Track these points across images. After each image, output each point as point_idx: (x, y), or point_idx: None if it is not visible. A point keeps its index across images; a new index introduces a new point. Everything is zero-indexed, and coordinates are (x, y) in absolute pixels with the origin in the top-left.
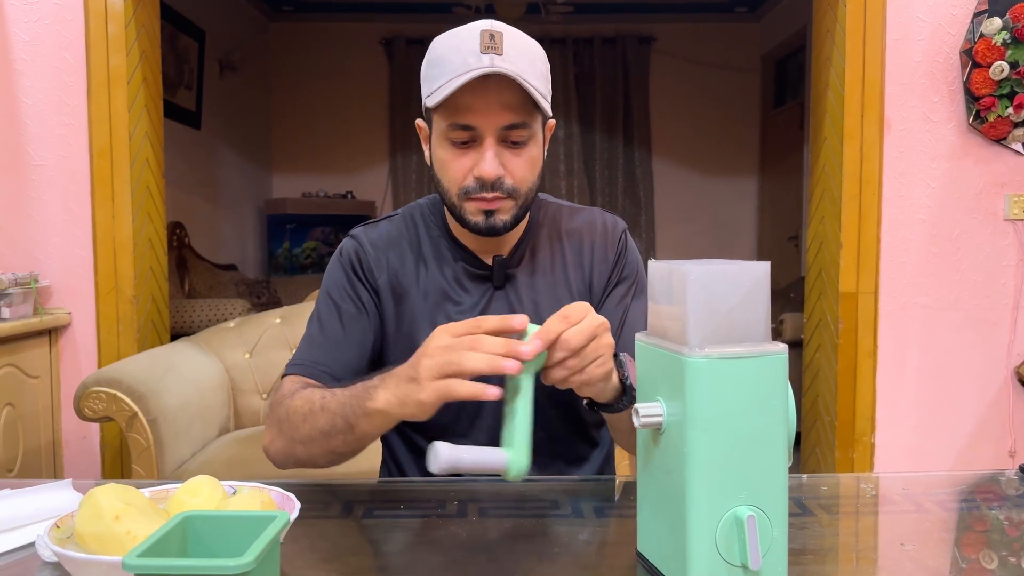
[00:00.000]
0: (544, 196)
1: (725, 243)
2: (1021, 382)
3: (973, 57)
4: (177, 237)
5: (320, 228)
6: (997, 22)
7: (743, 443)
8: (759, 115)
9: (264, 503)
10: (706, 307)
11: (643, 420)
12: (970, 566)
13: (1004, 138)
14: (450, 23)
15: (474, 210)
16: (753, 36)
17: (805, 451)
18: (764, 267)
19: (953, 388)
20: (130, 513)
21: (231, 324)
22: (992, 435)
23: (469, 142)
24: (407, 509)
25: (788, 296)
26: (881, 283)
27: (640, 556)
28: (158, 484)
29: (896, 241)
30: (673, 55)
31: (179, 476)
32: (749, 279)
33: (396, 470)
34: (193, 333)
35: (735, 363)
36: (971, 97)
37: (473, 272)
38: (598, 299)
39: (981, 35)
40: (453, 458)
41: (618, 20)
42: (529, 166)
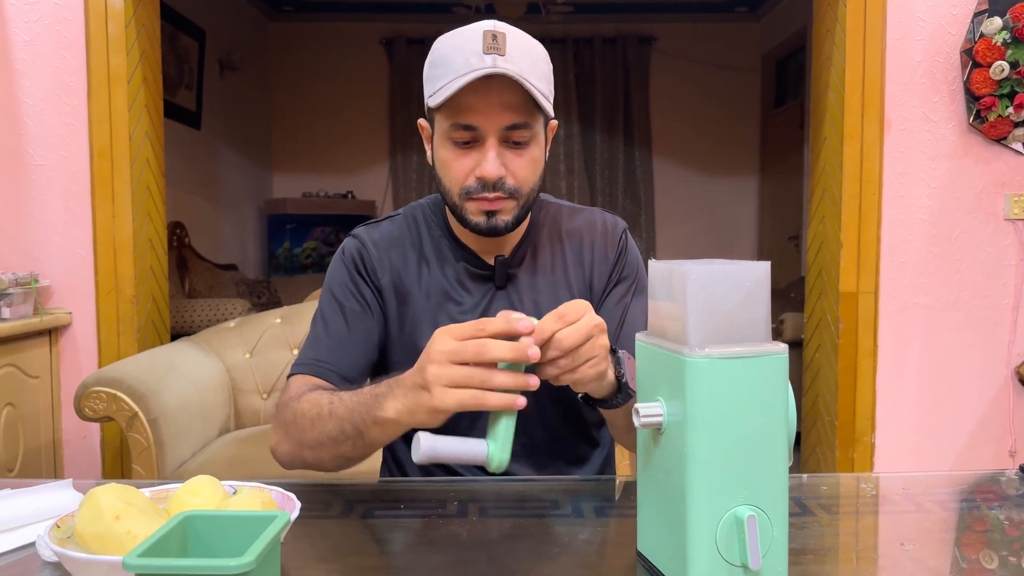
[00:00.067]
0: (545, 196)
1: (725, 243)
2: (1021, 382)
3: (973, 57)
4: (177, 237)
5: (320, 228)
6: (997, 22)
7: (743, 443)
8: (759, 115)
9: (264, 503)
10: (706, 307)
11: (643, 420)
12: (970, 566)
13: (1004, 138)
14: (450, 23)
15: (475, 210)
16: (753, 36)
17: (805, 451)
18: (764, 267)
19: (953, 388)
20: (130, 513)
21: (231, 324)
22: (992, 435)
23: (471, 142)
24: (407, 509)
25: (788, 296)
26: (881, 283)
27: (640, 556)
28: (158, 484)
29: (896, 241)
30: (673, 55)
31: (179, 476)
32: (749, 279)
33: (396, 470)
34: (193, 333)
35: (735, 363)
36: (971, 97)
37: (475, 272)
38: (598, 298)
39: (981, 35)
40: (434, 448)
41: (618, 20)
42: (531, 166)
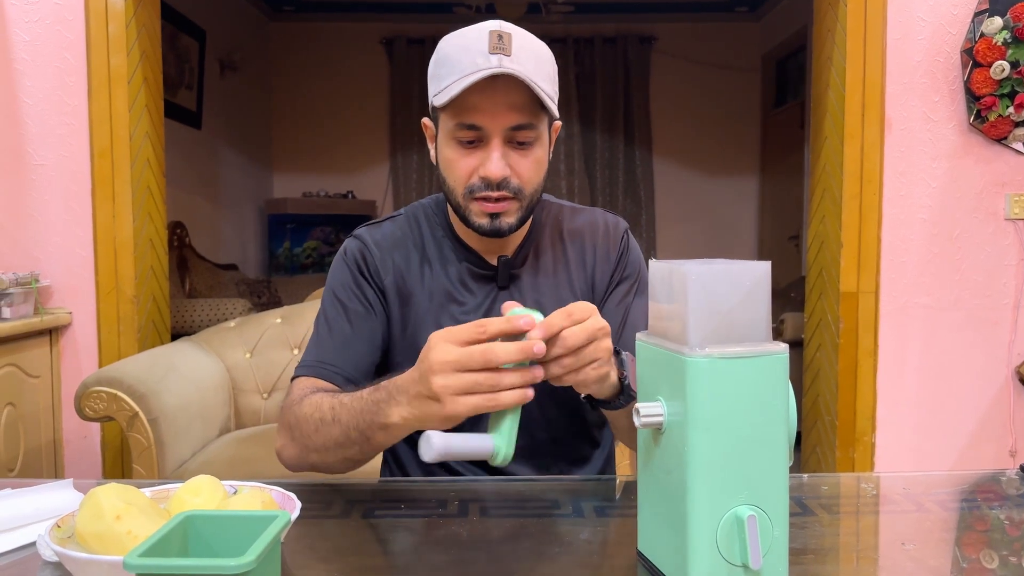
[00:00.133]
0: (546, 196)
1: (726, 243)
2: (1022, 381)
3: (974, 56)
4: (178, 237)
5: (321, 228)
6: (998, 21)
7: (744, 443)
8: (760, 115)
9: (265, 503)
10: (707, 307)
11: (644, 420)
12: (971, 566)
13: (1005, 137)
14: (451, 23)
15: (479, 211)
16: (754, 36)
17: (806, 451)
18: (765, 267)
19: (954, 388)
20: (131, 513)
21: (232, 324)
22: (993, 435)
23: (475, 142)
24: (408, 509)
25: (789, 296)
26: (882, 283)
27: (641, 556)
28: (159, 484)
29: (897, 241)
30: (674, 55)
31: (180, 476)
32: (750, 279)
33: (397, 469)
34: (194, 333)
35: (736, 363)
36: (972, 96)
37: (477, 272)
38: (600, 299)
39: (982, 34)
40: (445, 447)
41: (619, 20)
42: (535, 167)
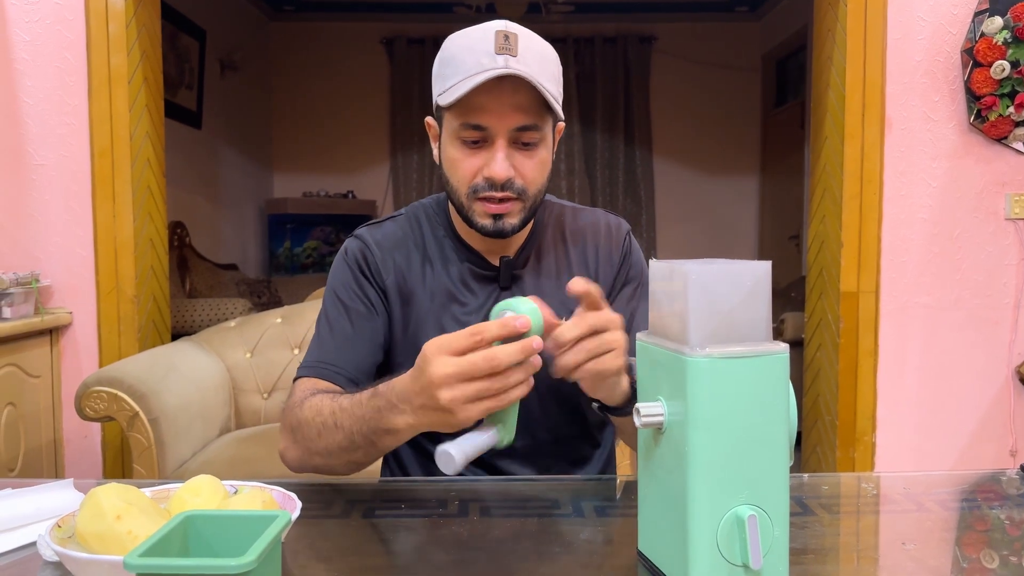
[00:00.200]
0: (548, 196)
1: (726, 242)
2: (1022, 381)
3: (974, 56)
4: (178, 237)
5: (321, 227)
6: (998, 21)
7: (744, 442)
8: (760, 114)
9: (265, 503)
10: (707, 306)
11: (644, 420)
12: (971, 565)
13: (1005, 137)
14: (451, 23)
15: (482, 212)
16: (754, 35)
17: (806, 450)
18: (765, 266)
19: (954, 387)
20: (131, 513)
21: (232, 324)
22: (993, 434)
23: (480, 142)
24: (408, 508)
25: (789, 295)
26: (882, 282)
27: (641, 555)
28: (159, 484)
29: (897, 240)
30: (674, 54)
31: (180, 476)
32: (750, 278)
33: (398, 469)
34: (194, 333)
35: (736, 363)
36: (972, 96)
37: (479, 273)
38: (605, 297)
39: (982, 34)
40: (465, 457)
41: (619, 19)
42: (539, 168)
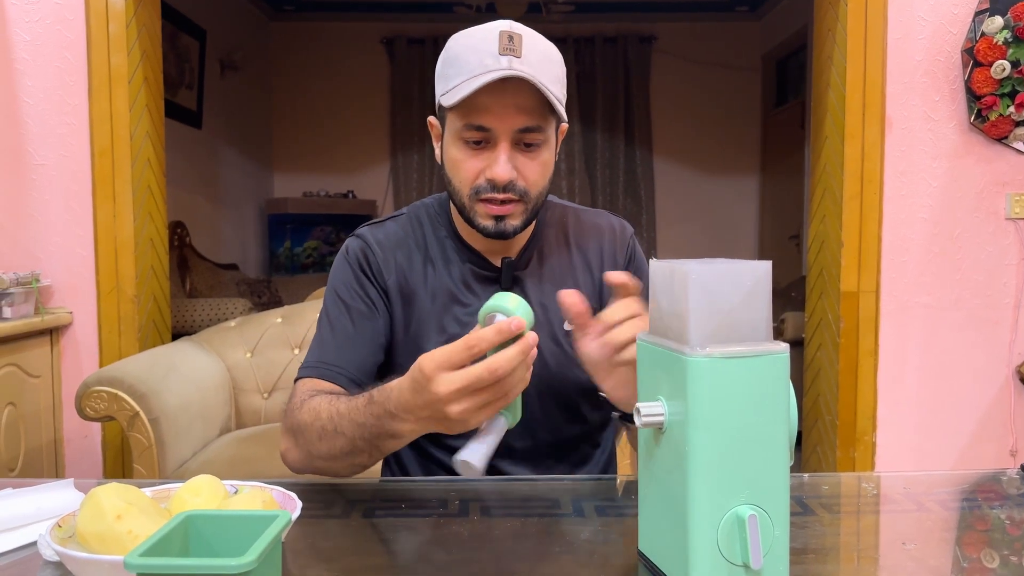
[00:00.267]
0: (550, 197)
1: (726, 242)
2: (1022, 381)
3: (974, 56)
4: (178, 236)
5: (321, 227)
6: (998, 21)
7: (744, 442)
8: (760, 114)
9: (265, 502)
10: (707, 306)
11: (644, 419)
12: (971, 565)
13: (1005, 137)
14: (451, 23)
15: (484, 213)
16: (754, 35)
17: (806, 450)
18: (765, 266)
19: (954, 387)
20: (132, 512)
21: (232, 323)
22: (993, 434)
23: (482, 143)
24: (409, 508)
25: (789, 295)
26: (882, 282)
27: (641, 555)
28: (159, 483)
29: (897, 240)
30: (674, 54)
31: (180, 475)
32: (750, 278)
33: (398, 469)
34: (194, 332)
35: (736, 362)
36: (972, 96)
37: (481, 274)
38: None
39: (982, 34)
40: (484, 460)
41: (619, 19)
42: (541, 170)
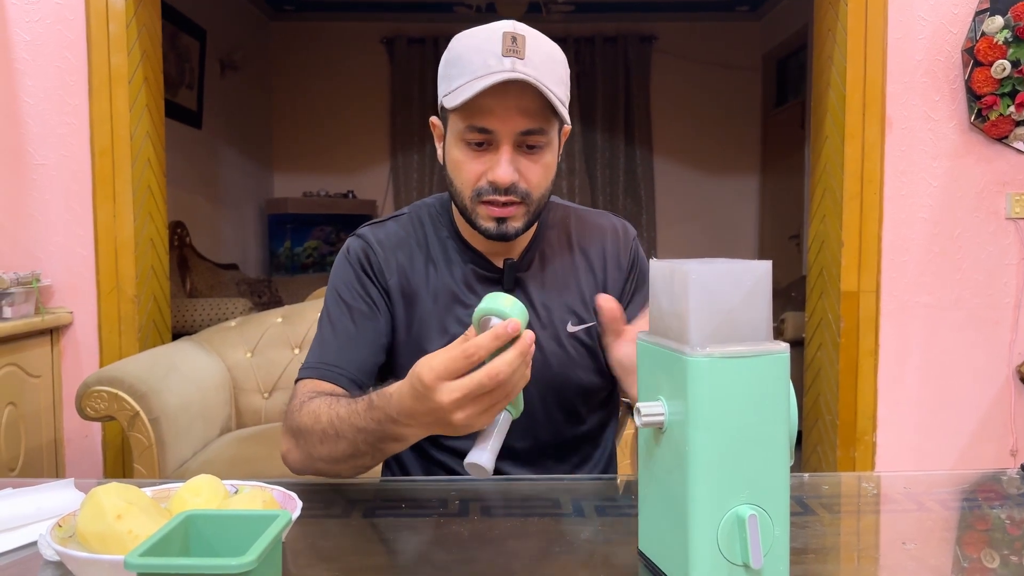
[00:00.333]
0: (553, 198)
1: (726, 242)
2: (1023, 381)
3: (975, 56)
4: (178, 236)
5: (321, 227)
6: (999, 20)
7: (744, 442)
8: (760, 114)
9: (266, 502)
10: (707, 306)
11: (644, 419)
12: (972, 565)
13: (1006, 137)
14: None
15: (486, 215)
16: (754, 35)
17: (807, 450)
18: (765, 266)
19: (955, 387)
20: (132, 512)
21: (232, 323)
22: (994, 434)
23: (485, 144)
24: (409, 508)
25: (789, 295)
26: (882, 282)
27: (641, 555)
28: (160, 483)
29: (897, 240)
30: (674, 54)
31: (181, 475)
32: (750, 278)
33: (398, 469)
34: (194, 332)
35: (737, 362)
36: (973, 96)
37: (483, 275)
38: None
39: (983, 34)
40: (493, 460)
41: (619, 19)
42: (543, 172)
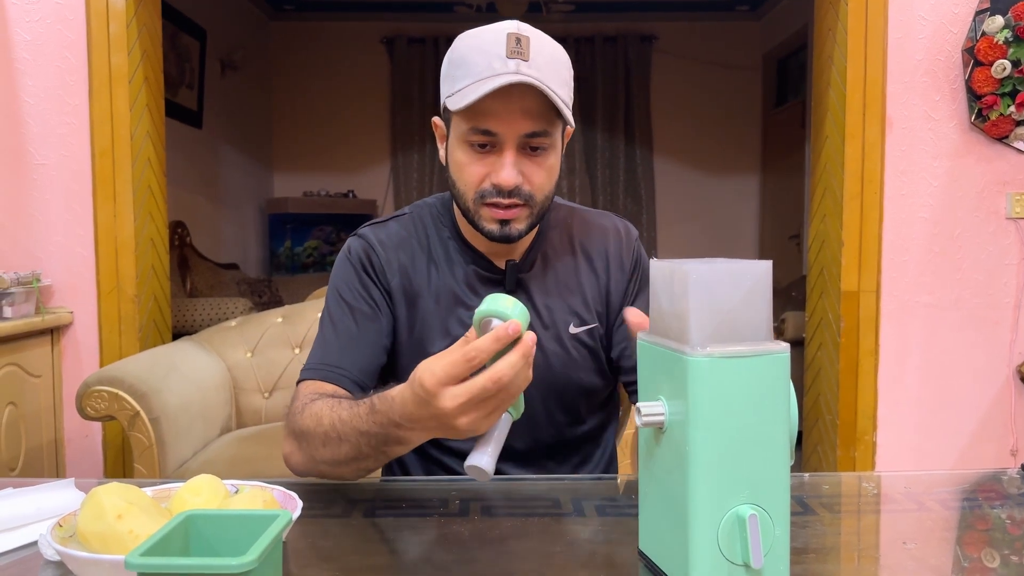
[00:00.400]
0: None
1: (726, 242)
2: (1023, 381)
3: (975, 55)
4: (179, 236)
5: (321, 227)
6: (999, 20)
7: (745, 442)
8: (760, 114)
9: (266, 502)
10: (708, 306)
11: (645, 419)
12: (972, 565)
13: (1006, 136)
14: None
15: (489, 217)
16: (754, 35)
17: (807, 450)
18: (766, 266)
19: (955, 387)
20: (132, 512)
21: (233, 323)
22: (994, 434)
23: (488, 146)
24: (409, 508)
25: (790, 295)
26: (883, 282)
27: (642, 555)
28: (160, 483)
29: (898, 240)
30: (674, 54)
31: (181, 475)
32: (751, 278)
33: (399, 470)
34: (195, 332)
35: (737, 362)
36: (973, 95)
37: (485, 276)
38: (617, 305)
39: (983, 33)
40: (494, 463)
41: (619, 19)
42: (547, 174)
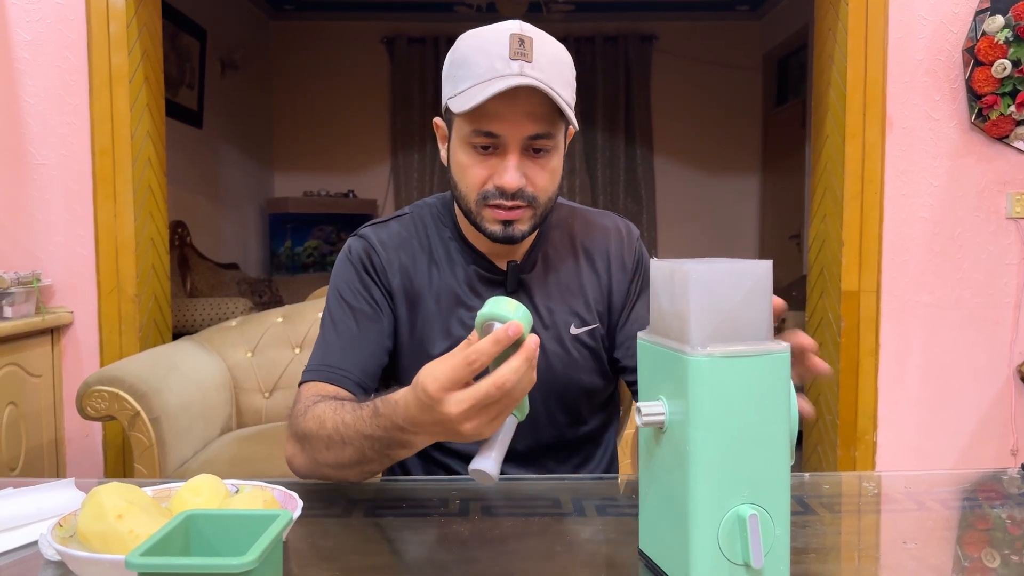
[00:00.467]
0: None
1: (727, 241)
2: (1023, 381)
3: (975, 55)
4: (179, 236)
5: (321, 227)
6: (999, 20)
7: (745, 442)
8: (761, 113)
9: (266, 502)
10: (708, 306)
11: (645, 419)
12: (972, 564)
13: (1006, 136)
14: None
15: (492, 218)
16: (755, 34)
17: (807, 450)
18: (766, 265)
19: (955, 387)
20: (133, 512)
21: (233, 323)
22: (994, 434)
23: (491, 148)
24: (410, 508)
25: (790, 295)
26: (883, 281)
27: (642, 554)
28: (160, 483)
29: (898, 239)
30: (675, 53)
31: (181, 475)
32: (751, 278)
33: (399, 470)
34: (195, 332)
35: (737, 362)
36: (973, 95)
37: (486, 276)
38: (619, 306)
39: (983, 33)
40: (498, 467)
41: (620, 18)
42: (550, 176)
